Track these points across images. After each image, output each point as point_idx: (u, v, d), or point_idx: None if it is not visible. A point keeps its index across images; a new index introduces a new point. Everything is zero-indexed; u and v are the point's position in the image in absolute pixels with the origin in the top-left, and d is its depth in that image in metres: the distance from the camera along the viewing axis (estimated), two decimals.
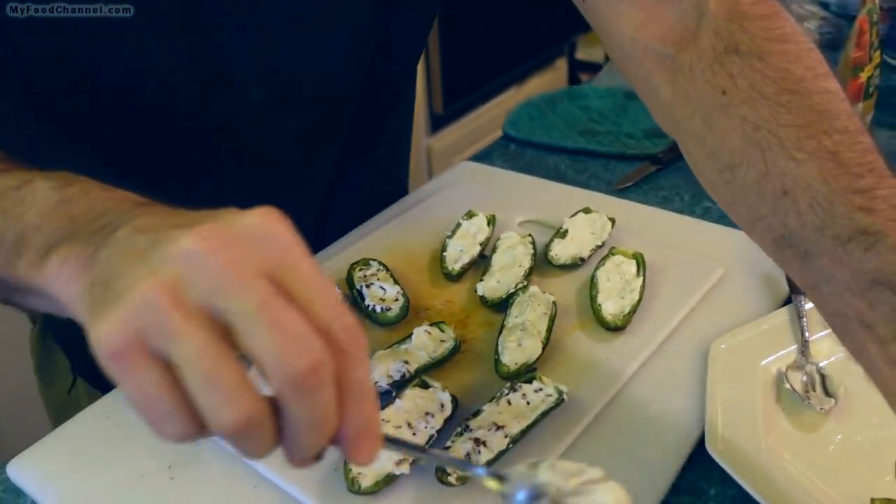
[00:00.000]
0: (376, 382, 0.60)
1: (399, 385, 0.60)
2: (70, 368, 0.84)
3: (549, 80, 2.90)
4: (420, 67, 2.29)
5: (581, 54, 3.06)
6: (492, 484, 0.39)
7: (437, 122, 2.47)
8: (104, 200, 0.39)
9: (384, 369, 0.60)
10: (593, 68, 3.08)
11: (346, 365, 0.33)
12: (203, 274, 0.31)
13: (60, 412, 0.63)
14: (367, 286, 0.70)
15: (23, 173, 0.43)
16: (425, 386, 0.59)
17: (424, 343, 0.63)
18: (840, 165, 0.41)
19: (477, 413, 0.56)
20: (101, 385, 0.66)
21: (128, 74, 0.61)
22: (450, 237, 0.78)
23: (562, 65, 2.97)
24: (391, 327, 0.68)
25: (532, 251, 0.74)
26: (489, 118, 2.65)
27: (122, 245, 0.34)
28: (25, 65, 0.58)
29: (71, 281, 0.36)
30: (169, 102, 0.63)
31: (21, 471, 0.59)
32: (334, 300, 0.33)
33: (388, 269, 0.73)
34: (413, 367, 0.61)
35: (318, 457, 0.35)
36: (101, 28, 0.57)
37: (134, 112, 0.62)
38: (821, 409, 0.58)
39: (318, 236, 0.83)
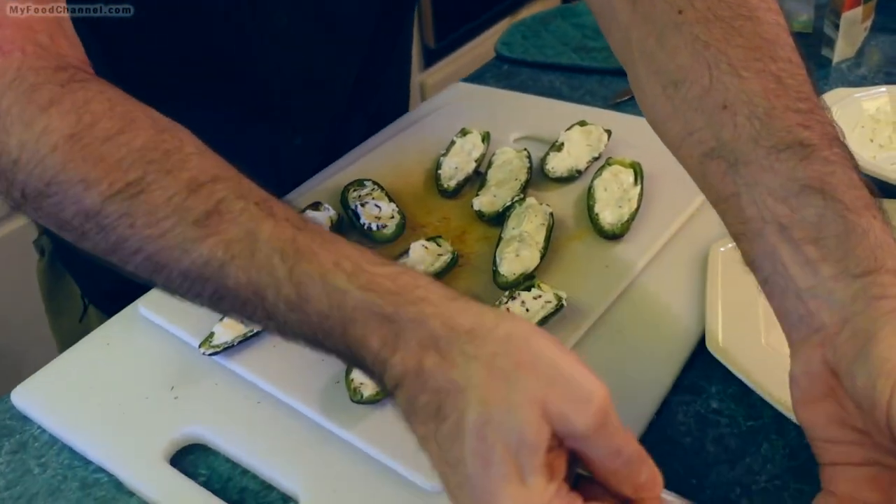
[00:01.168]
0: None
1: None
2: (81, 296, 0.84)
3: (541, 7, 2.84)
4: None
5: None
6: None
7: (430, 57, 2.43)
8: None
9: None
10: None
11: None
12: None
13: (71, 342, 0.64)
14: (362, 205, 0.69)
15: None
16: None
17: (422, 257, 0.63)
18: (782, 87, 0.43)
19: None
20: (113, 310, 0.65)
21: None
22: (444, 155, 0.77)
23: None
24: (388, 244, 0.67)
25: (528, 165, 0.73)
26: (482, 51, 2.60)
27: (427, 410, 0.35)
28: None
29: (423, 424, 0.35)
30: (197, 31, 0.64)
31: (25, 397, 0.59)
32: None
33: (382, 188, 0.72)
34: None
35: None
36: None
37: (161, 37, 0.62)
38: None
39: (331, 158, 0.82)
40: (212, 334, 0.58)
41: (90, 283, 0.84)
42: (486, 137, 0.78)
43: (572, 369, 0.34)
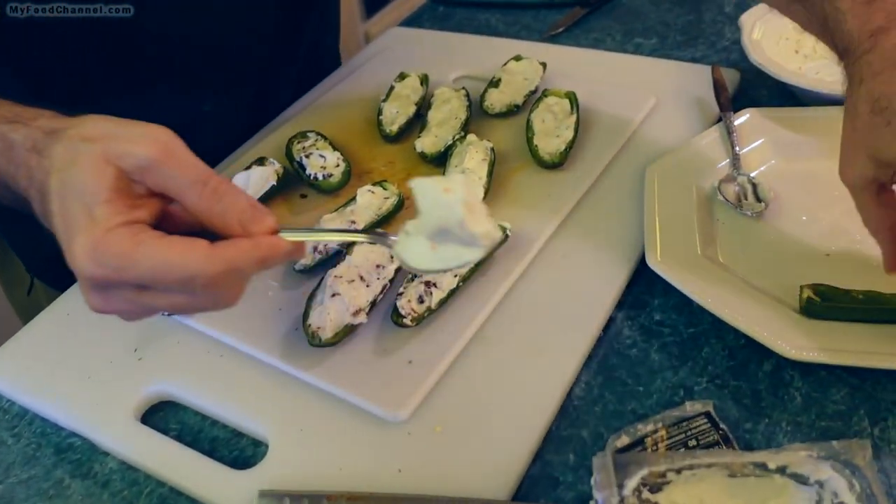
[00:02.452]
0: (326, 245, 0.61)
1: (348, 244, 0.61)
2: (26, 270, 0.84)
3: None
4: None
5: None
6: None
7: (372, 6, 2.39)
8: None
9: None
10: None
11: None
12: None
13: (28, 314, 0.65)
14: (307, 156, 0.70)
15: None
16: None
17: (369, 202, 0.64)
18: None
19: None
20: (59, 284, 0.66)
21: None
22: (384, 100, 0.77)
23: None
24: (335, 193, 0.68)
25: (467, 103, 0.74)
26: None
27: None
28: None
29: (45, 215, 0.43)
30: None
31: None
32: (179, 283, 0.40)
33: (325, 139, 0.73)
34: (360, 226, 0.62)
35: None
36: None
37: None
38: (753, 213, 0.60)
39: (259, 120, 0.82)
40: None
41: (30, 257, 0.84)
42: (424, 80, 0.79)
43: (134, 124, 0.41)
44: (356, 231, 0.59)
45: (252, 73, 0.80)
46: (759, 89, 0.76)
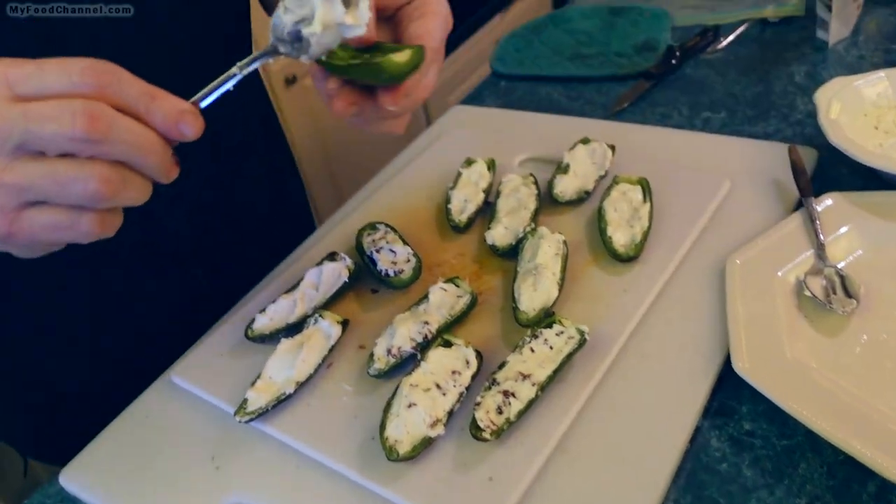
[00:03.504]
0: (399, 347, 0.60)
1: (423, 347, 0.60)
2: (20, 454, 0.85)
3: (533, 1, 2.83)
4: None
5: None
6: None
7: None
8: None
9: (405, 333, 0.61)
10: None
11: (116, 92, 0.42)
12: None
13: (19, 498, 0.67)
14: (378, 251, 0.70)
15: None
16: (448, 345, 0.59)
17: (441, 301, 0.63)
18: None
19: (502, 365, 0.57)
20: (57, 457, 0.67)
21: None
22: (452, 188, 0.77)
23: None
24: (407, 289, 0.68)
25: (536, 191, 0.73)
26: (477, 51, 2.59)
27: None
28: None
29: None
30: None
31: (72, 479, 0.60)
32: (57, 73, 0.41)
33: (395, 231, 0.73)
34: (434, 327, 0.61)
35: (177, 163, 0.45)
36: None
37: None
38: (843, 311, 0.58)
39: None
40: (245, 401, 0.59)
41: (21, 439, 0.84)
42: (491, 165, 0.79)
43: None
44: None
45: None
46: (839, 168, 0.73)
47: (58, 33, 0.58)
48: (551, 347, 0.57)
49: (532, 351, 0.57)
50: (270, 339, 0.65)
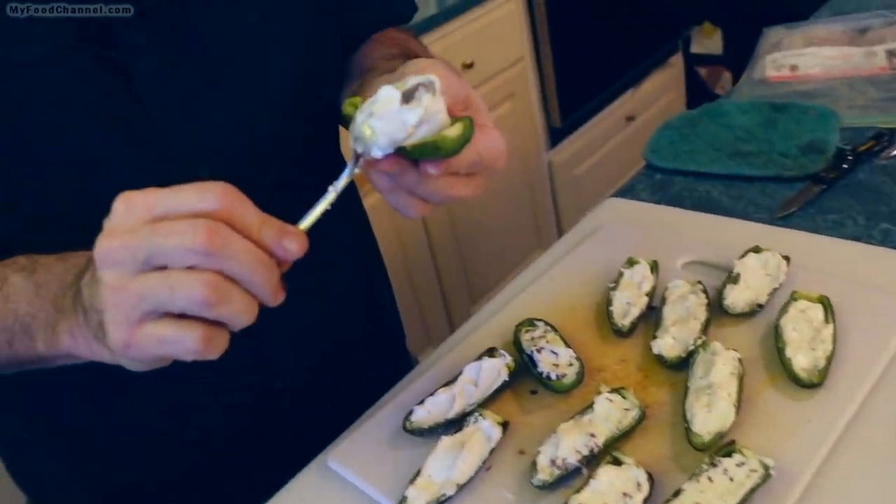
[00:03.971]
0: (564, 459, 0.58)
1: (588, 460, 0.58)
2: None
3: (665, 78, 2.82)
4: (534, 83, 2.27)
5: (696, 47, 2.95)
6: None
7: (556, 136, 2.44)
8: (64, 274, 0.52)
9: (571, 444, 0.59)
10: (710, 61, 2.97)
11: (238, 214, 0.45)
12: (117, 258, 0.44)
13: None
14: (538, 350, 0.69)
15: None
16: (618, 462, 0.57)
17: (608, 413, 0.61)
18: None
19: (678, 493, 0.54)
20: None
21: (71, 166, 0.62)
22: (613, 289, 0.76)
23: (677, 61, 2.88)
24: (567, 393, 0.67)
25: (705, 300, 0.71)
26: (607, 125, 2.59)
27: (90, 290, 0.47)
28: None
29: (87, 341, 0.49)
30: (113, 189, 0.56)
31: None
32: (193, 193, 0.45)
33: (555, 330, 0.72)
34: (600, 441, 0.59)
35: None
36: (45, 124, 0.60)
37: (78, 202, 0.59)
38: None
39: None
40: (405, 498, 0.59)
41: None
42: (654, 267, 0.77)
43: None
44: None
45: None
46: None
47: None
48: (731, 479, 0.54)
49: (710, 481, 0.54)
50: (429, 432, 0.65)
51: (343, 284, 0.83)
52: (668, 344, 0.67)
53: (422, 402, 0.67)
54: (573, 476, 0.58)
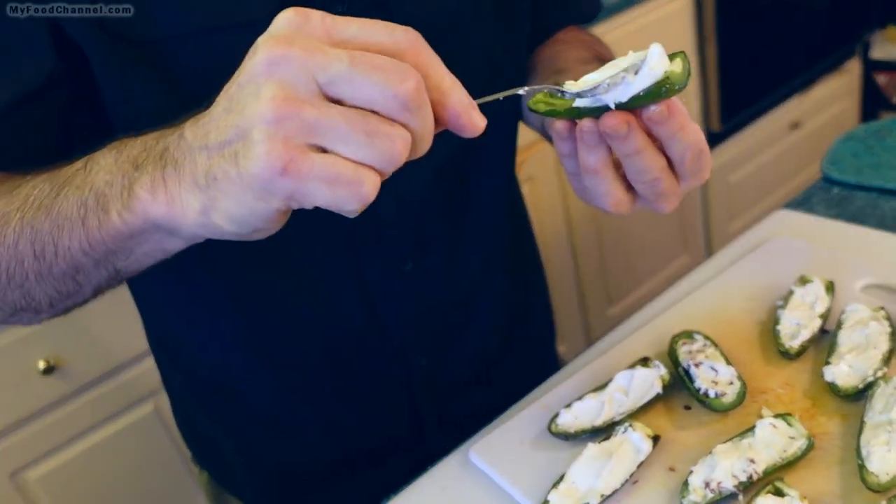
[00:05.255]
0: (720, 483, 0.55)
1: (745, 486, 0.55)
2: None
3: (838, 84, 2.62)
4: (695, 84, 2.18)
5: (878, 53, 2.73)
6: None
7: (713, 140, 2.33)
8: (149, 139, 0.45)
9: (728, 467, 0.56)
10: (892, 68, 2.73)
11: (430, 63, 0.40)
12: (293, 69, 0.37)
13: None
14: (696, 365, 0.65)
15: (84, 157, 0.48)
16: (780, 493, 0.53)
17: (770, 439, 0.57)
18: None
19: None
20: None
21: None
22: (782, 307, 0.71)
23: (853, 66, 2.67)
24: (724, 413, 0.63)
25: (889, 329, 0.65)
26: (769, 131, 2.45)
27: (205, 127, 0.41)
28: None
29: (172, 195, 0.42)
30: None
31: None
32: (382, 27, 0.40)
33: (716, 346, 0.68)
34: (760, 468, 0.56)
35: None
36: None
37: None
38: None
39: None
40: (547, 502, 0.58)
41: (245, 489, 0.85)
42: (830, 287, 0.71)
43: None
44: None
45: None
46: None
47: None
48: None
49: None
50: (574, 437, 0.63)
51: (503, 285, 0.83)
52: (843, 372, 0.62)
53: (569, 405, 0.65)
54: (727, 501, 0.55)
